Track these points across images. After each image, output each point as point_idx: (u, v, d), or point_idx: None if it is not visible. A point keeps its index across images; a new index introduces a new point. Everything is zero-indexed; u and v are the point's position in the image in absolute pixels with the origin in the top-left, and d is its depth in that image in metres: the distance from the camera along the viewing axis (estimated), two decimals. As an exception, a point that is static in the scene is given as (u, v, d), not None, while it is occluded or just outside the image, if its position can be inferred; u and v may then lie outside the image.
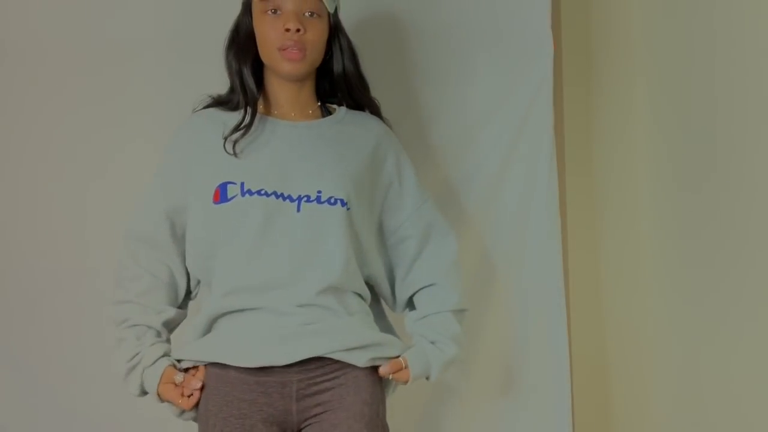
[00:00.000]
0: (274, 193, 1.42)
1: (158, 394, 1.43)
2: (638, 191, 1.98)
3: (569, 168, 2.01)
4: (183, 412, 1.44)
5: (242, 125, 1.44)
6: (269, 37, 1.43)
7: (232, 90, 1.51)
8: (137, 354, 1.44)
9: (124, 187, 1.82)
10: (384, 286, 1.58)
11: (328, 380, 1.40)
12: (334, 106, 1.58)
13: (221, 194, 1.42)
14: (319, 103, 1.56)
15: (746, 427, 1.58)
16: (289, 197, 1.43)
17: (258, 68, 1.50)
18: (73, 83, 1.82)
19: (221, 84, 1.58)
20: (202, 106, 1.54)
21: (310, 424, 1.39)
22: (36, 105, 1.82)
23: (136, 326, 1.46)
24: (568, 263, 1.98)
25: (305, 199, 1.43)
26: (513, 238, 1.87)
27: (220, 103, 1.53)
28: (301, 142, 1.48)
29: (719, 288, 1.65)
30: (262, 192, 1.42)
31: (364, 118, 1.57)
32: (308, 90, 1.53)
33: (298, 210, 1.42)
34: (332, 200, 1.44)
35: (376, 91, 1.62)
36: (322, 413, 1.39)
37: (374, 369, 1.43)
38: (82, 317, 1.83)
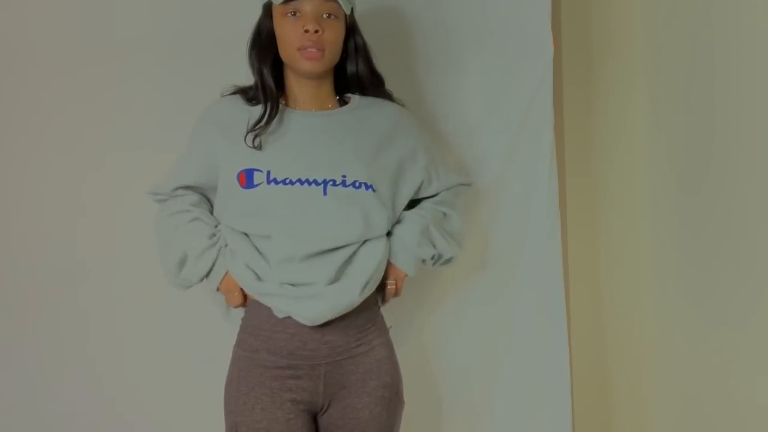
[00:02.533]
0: (299, 180, 1.48)
1: (221, 281, 1.50)
2: (638, 191, 1.98)
3: (569, 168, 2.01)
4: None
5: (261, 123, 1.50)
6: (289, 38, 1.49)
7: (256, 87, 1.57)
8: (214, 235, 1.52)
9: (120, 185, 1.82)
10: None
11: (354, 365, 1.50)
12: (350, 95, 1.62)
13: (247, 179, 1.48)
14: (337, 98, 1.62)
15: (745, 426, 1.58)
16: (315, 182, 1.48)
17: (278, 66, 1.56)
18: (68, 81, 1.81)
19: (219, 82, 1.61)
20: (228, 93, 1.59)
21: (334, 407, 1.50)
22: (31, 102, 1.81)
23: (199, 220, 1.55)
24: (568, 263, 1.98)
25: (331, 183, 1.49)
26: (513, 237, 1.87)
27: (246, 96, 1.58)
28: (321, 130, 1.54)
29: (718, 287, 1.65)
30: (287, 181, 1.48)
31: (378, 101, 1.62)
32: (327, 86, 1.58)
33: (325, 194, 1.48)
34: (357, 184, 1.50)
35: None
36: (346, 396, 1.50)
37: (393, 351, 1.57)
38: (77, 316, 1.83)
